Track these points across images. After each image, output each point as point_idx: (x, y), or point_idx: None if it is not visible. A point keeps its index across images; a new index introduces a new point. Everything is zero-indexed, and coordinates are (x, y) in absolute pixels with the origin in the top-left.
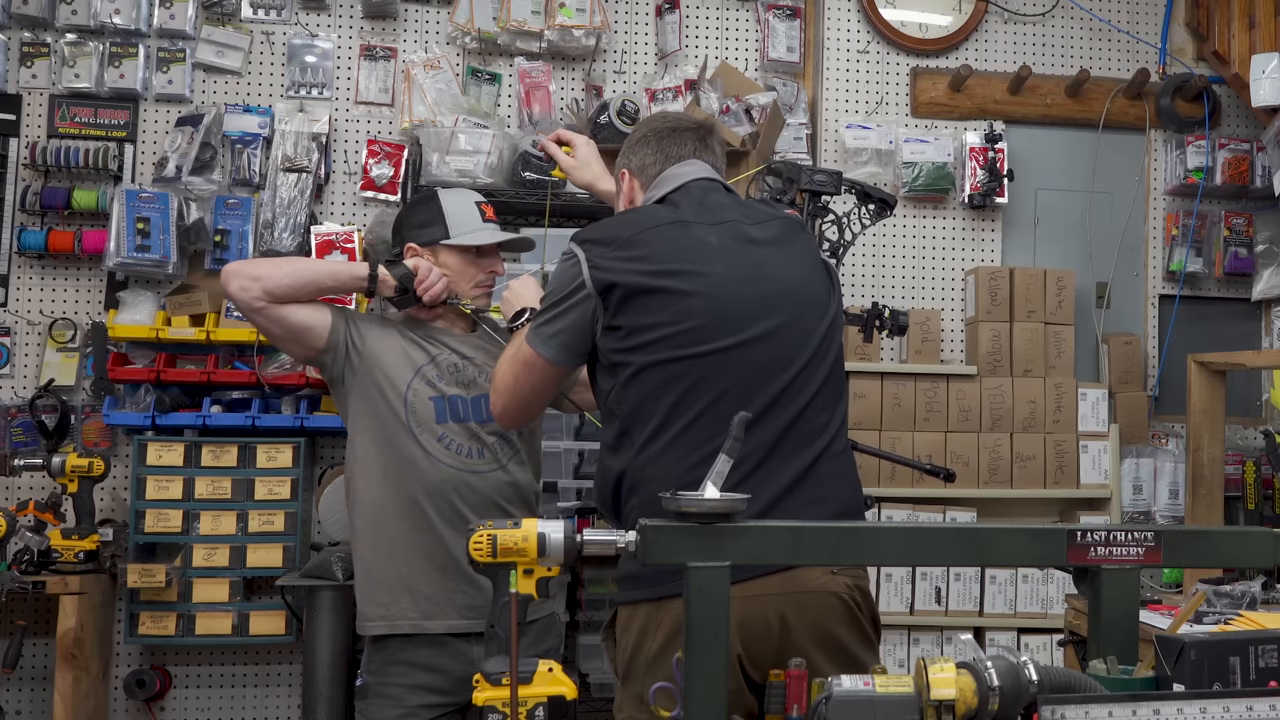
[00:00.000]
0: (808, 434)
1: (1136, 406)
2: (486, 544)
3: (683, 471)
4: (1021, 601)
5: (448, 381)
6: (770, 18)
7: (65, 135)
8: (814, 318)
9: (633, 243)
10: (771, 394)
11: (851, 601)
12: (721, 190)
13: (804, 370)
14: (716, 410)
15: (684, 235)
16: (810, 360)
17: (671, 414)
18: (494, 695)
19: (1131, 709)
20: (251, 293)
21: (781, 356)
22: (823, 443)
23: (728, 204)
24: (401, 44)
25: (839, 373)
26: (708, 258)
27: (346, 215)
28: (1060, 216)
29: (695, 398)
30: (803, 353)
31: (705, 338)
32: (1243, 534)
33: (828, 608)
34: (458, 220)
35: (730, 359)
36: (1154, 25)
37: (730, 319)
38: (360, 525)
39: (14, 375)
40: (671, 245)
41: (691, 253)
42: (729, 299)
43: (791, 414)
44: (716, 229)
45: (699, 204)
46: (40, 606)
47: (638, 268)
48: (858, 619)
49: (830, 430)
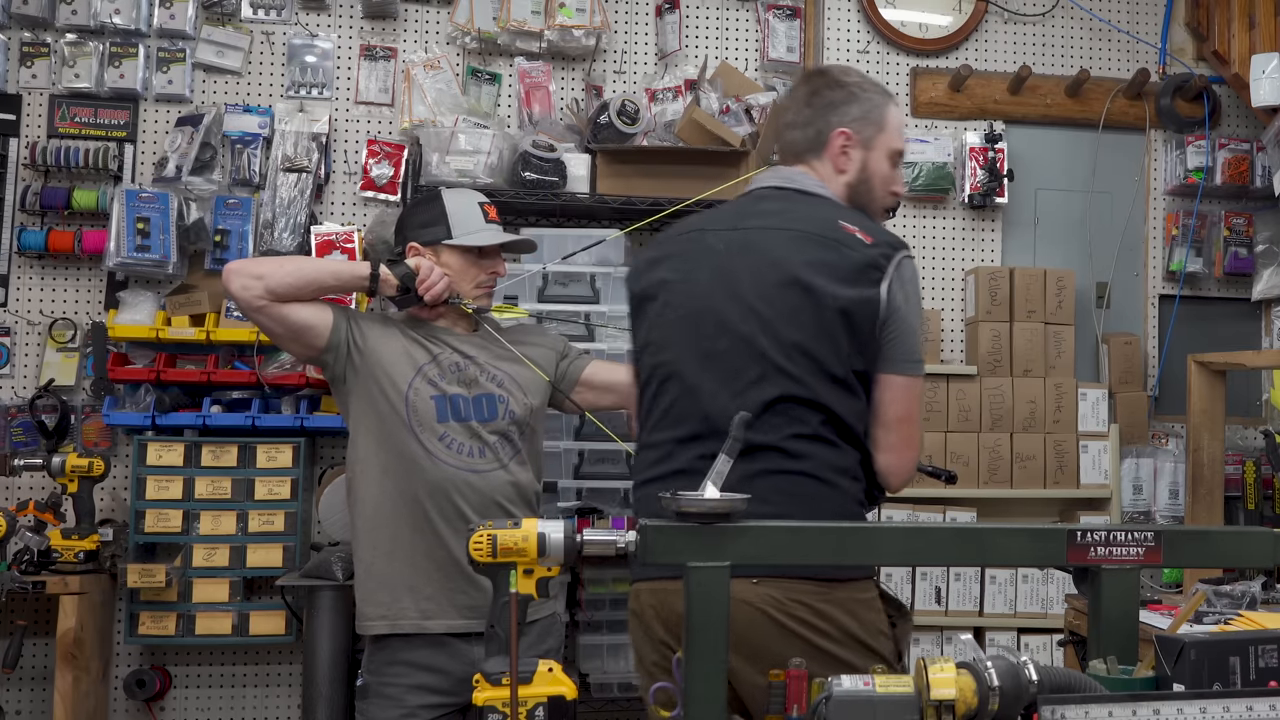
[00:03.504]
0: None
1: (1136, 406)
2: (486, 544)
3: (639, 483)
4: (1021, 601)
5: (449, 381)
6: (770, 18)
7: (65, 135)
8: (768, 335)
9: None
10: (707, 408)
11: (777, 611)
12: (778, 196)
13: (747, 387)
14: (663, 421)
15: (694, 243)
16: (756, 378)
17: (644, 422)
18: (494, 695)
19: (1131, 709)
20: (253, 291)
21: (723, 369)
22: (766, 462)
23: (764, 210)
24: (401, 44)
25: (804, 390)
26: (699, 265)
27: (346, 215)
28: (1060, 216)
29: (653, 408)
30: (742, 368)
31: (663, 346)
32: (1243, 534)
33: (744, 617)
34: (460, 220)
35: (678, 367)
36: (1154, 25)
37: (688, 330)
38: (361, 525)
39: (14, 375)
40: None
41: (687, 261)
42: (697, 309)
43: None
44: (726, 235)
45: (736, 210)
46: (40, 606)
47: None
48: (787, 628)
49: (781, 448)
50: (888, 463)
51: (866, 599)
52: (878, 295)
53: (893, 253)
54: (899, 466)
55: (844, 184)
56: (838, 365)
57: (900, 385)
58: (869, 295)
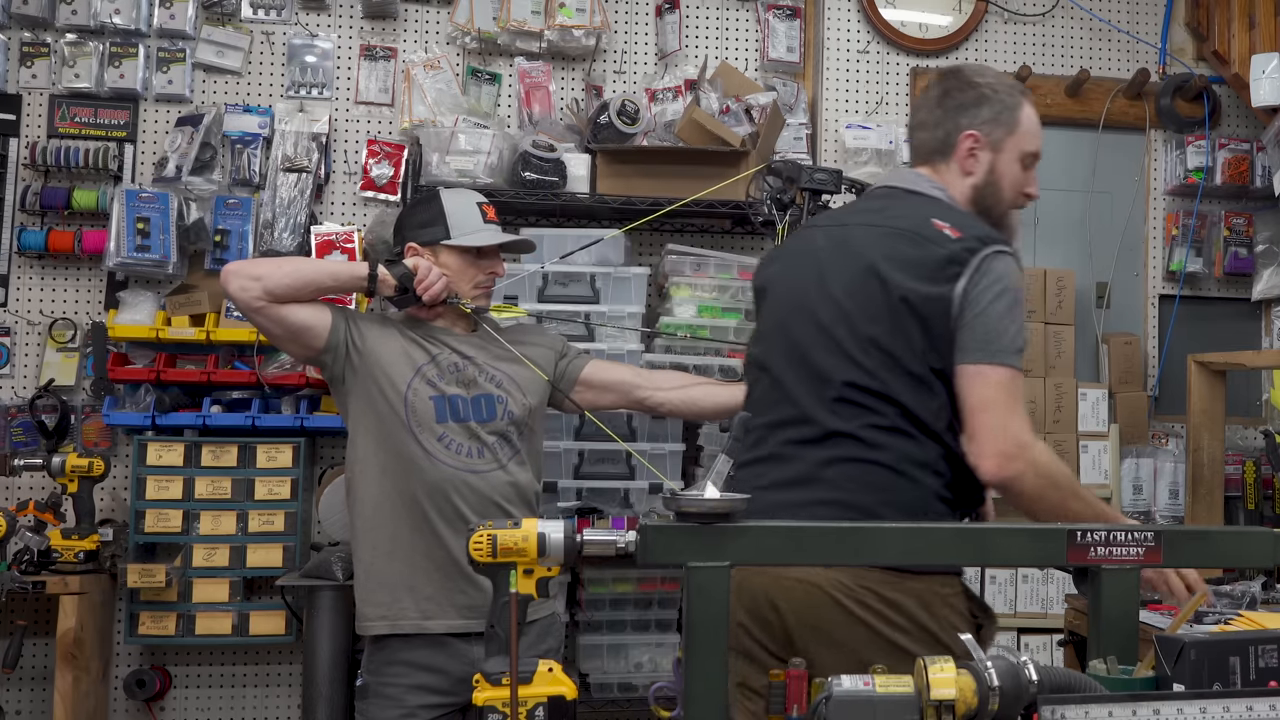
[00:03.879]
0: (813, 438)
1: (1136, 406)
2: (486, 544)
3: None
4: (1021, 601)
5: (448, 381)
6: (770, 18)
7: (65, 135)
8: (846, 327)
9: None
10: (792, 395)
11: (844, 596)
12: (886, 195)
13: (824, 375)
14: (755, 409)
15: (805, 239)
16: (832, 368)
17: (746, 409)
18: (494, 695)
19: (1131, 709)
20: (251, 292)
21: (798, 362)
22: (841, 449)
23: (868, 208)
24: (401, 44)
25: (876, 383)
26: (802, 261)
27: (346, 215)
28: (1060, 216)
29: (749, 396)
30: (820, 358)
31: (762, 337)
32: (1243, 534)
33: (812, 600)
34: (459, 221)
35: (770, 358)
36: (1154, 25)
37: (783, 322)
38: (360, 525)
39: (14, 375)
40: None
41: (795, 256)
42: (794, 302)
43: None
44: (830, 231)
45: (850, 208)
46: (40, 606)
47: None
48: (853, 614)
49: (857, 436)
50: (974, 451)
51: (945, 594)
52: (952, 291)
53: (980, 247)
54: (980, 454)
55: (970, 186)
56: (914, 361)
57: (973, 373)
58: (943, 291)
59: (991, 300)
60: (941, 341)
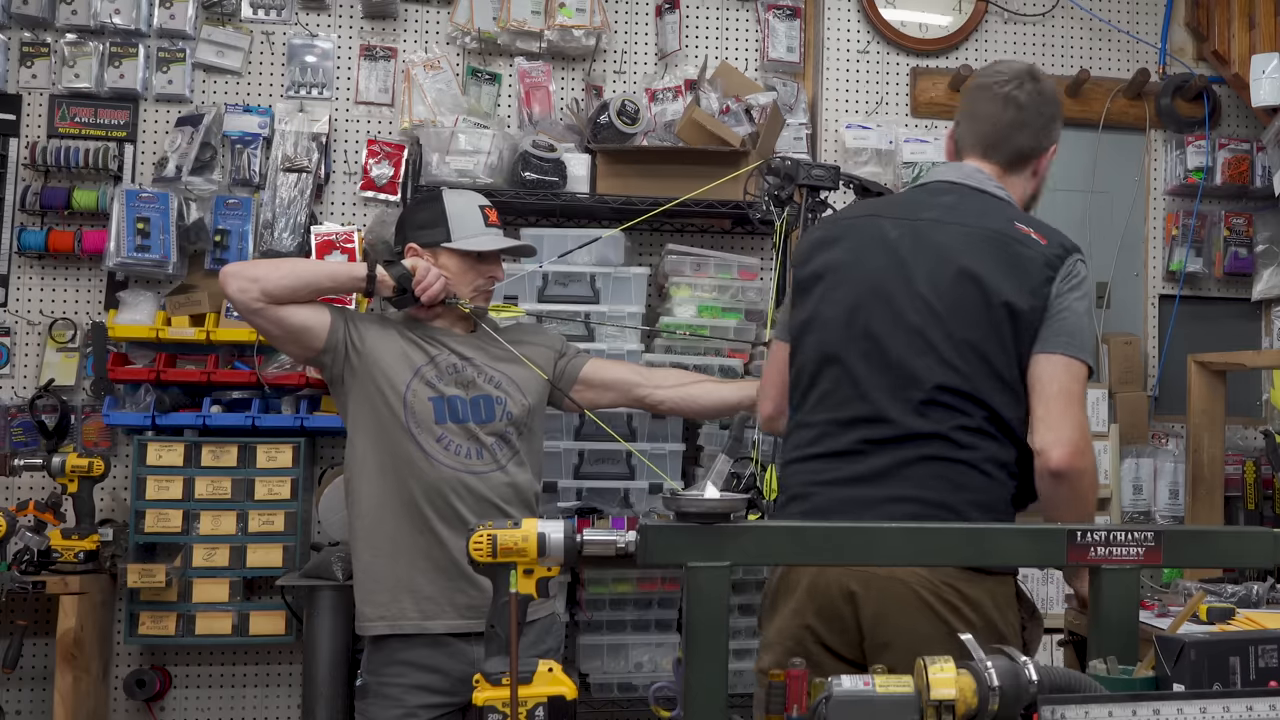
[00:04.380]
0: (891, 438)
1: (1136, 406)
2: (486, 544)
3: (791, 460)
4: None
5: (447, 382)
6: (770, 18)
7: (65, 135)
8: (940, 329)
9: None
10: (870, 394)
11: (928, 592)
12: (954, 190)
13: (912, 377)
14: (823, 403)
15: (869, 229)
16: (923, 369)
17: (799, 401)
18: (494, 695)
19: (1131, 709)
20: (250, 294)
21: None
22: (930, 449)
23: (941, 204)
24: (401, 44)
25: (968, 385)
26: (871, 252)
27: (346, 215)
28: (1060, 216)
29: (810, 389)
30: (908, 358)
31: (827, 327)
32: (1243, 534)
33: (895, 594)
34: (460, 224)
35: (842, 351)
36: (1154, 25)
37: (855, 314)
38: (359, 526)
39: (14, 375)
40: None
41: (860, 246)
42: (866, 295)
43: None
44: (902, 224)
45: (911, 200)
46: (40, 606)
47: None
48: (935, 610)
49: (947, 437)
50: (1046, 439)
51: (1009, 594)
52: (1048, 296)
53: (1066, 255)
54: (1058, 440)
55: (1029, 195)
56: (1005, 367)
57: (1059, 363)
58: (1040, 296)
59: (1076, 300)
60: (1029, 346)
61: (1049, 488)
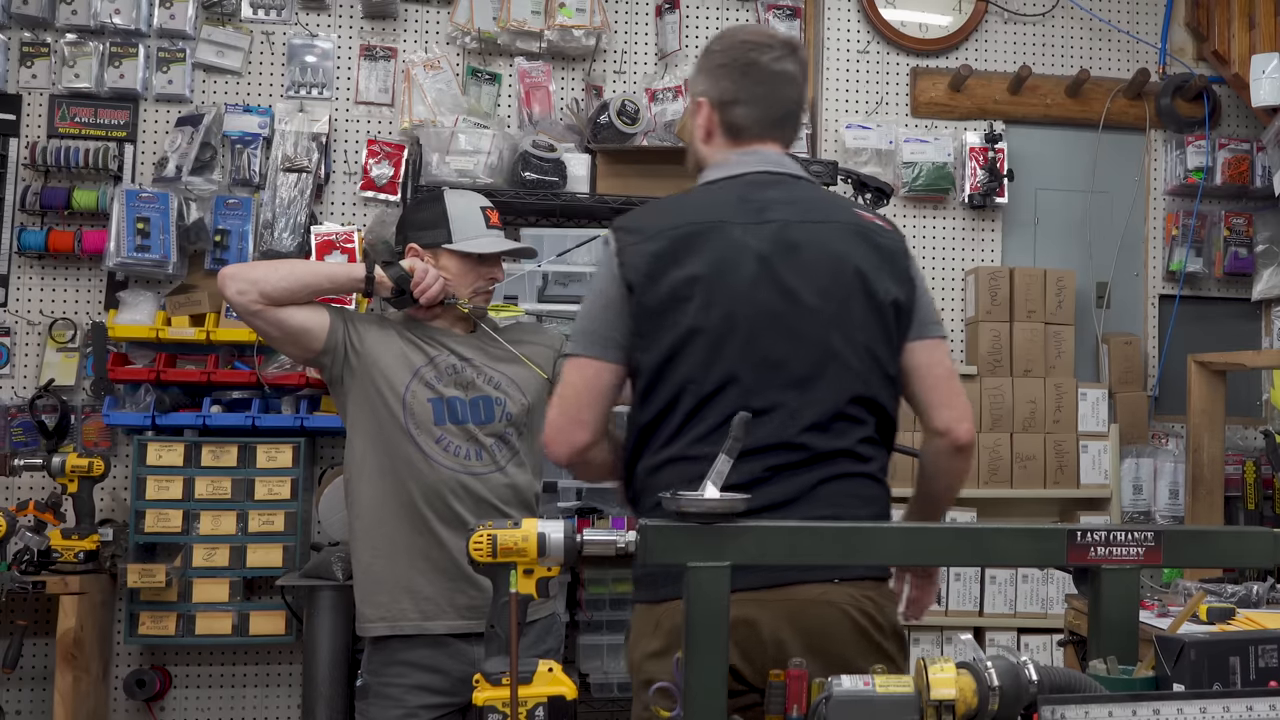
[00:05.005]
0: (800, 462)
1: (1136, 406)
2: (486, 544)
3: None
4: (1021, 601)
5: (446, 383)
6: (770, 17)
7: (65, 135)
8: (839, 337)
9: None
10: (776, 418)
11: (860, 614)
12: (777, 182)
13: (820, 392)
14: (716, 433)
15: (720, 238)
16: (829, 382)
17: (679, 434)
18: (494, 695)
19: (1131, 709)
20: (249, 296)
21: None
22: (839, 467)
23: (780, 199)
24: (401, 44)
25: (869, 390)
26: (736, 263)
27: (346, 215)
28: (1060, 216)
29: (696, 420)
30: (811, 374)
31: (709, 353)
32: (1243, 534)
33: (826, 620)
34: (462, 225)
35: (733, 376)
36: (1154, 25)
37: (740, 335)
38: (359, 526)
39: (14, 375)
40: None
41: (719, 259)
42: (747, 312)
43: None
44: (758, 230)
45: (742, 198)
46: (40, 606)
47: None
48: (869, 635)
49: (854, 453)
50: (954, 416)
51: (892, 595)
52: (913, 284)
53: (902, 235)
54: (960, 416)
55: None
56: (890, 364)
57: (937, 346)
58: (908, 286)
59: (922, 279)
60: (905, 337)
61: (957, 463)
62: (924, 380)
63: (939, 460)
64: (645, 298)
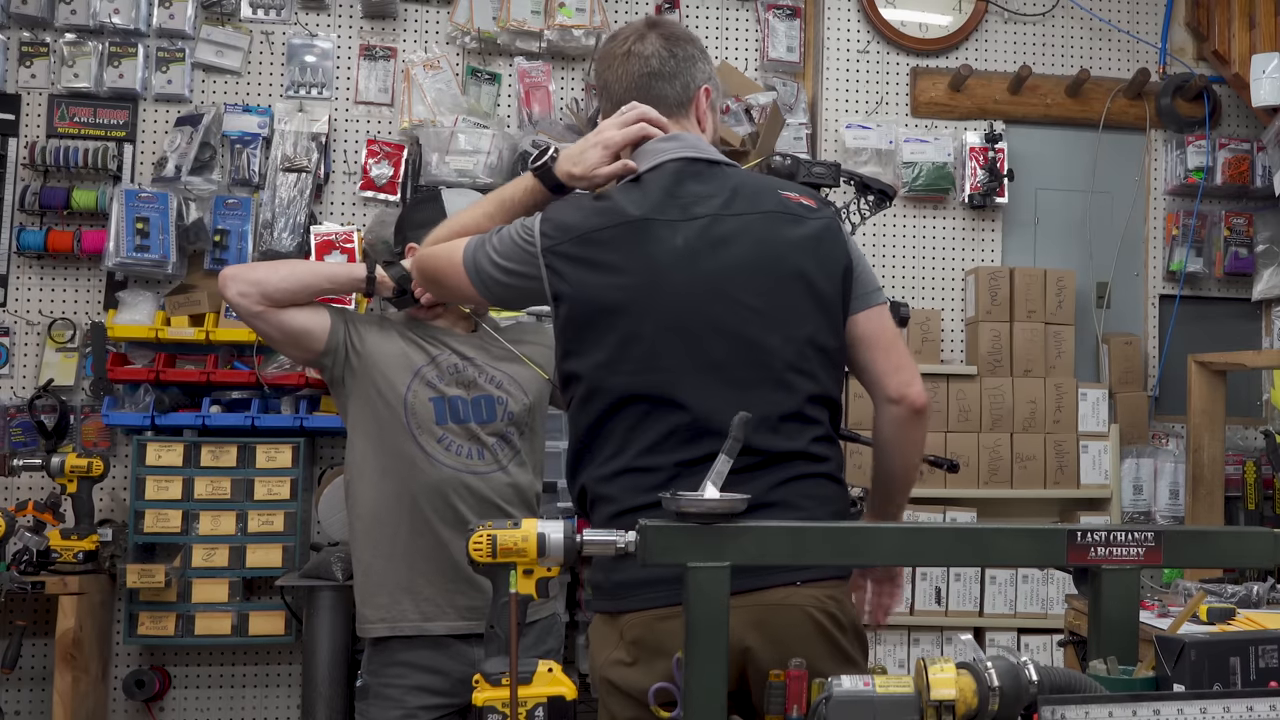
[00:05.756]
0: (755, 465)
1: (1136, 406)
2: (486, 544)
3: (632, 509)
4: (1021, 602)
5: (447, 382)
6: (770, 17)
7: (64, 135)
8: (779, 334)
9: (590, 242)
10: (720, 426)
11: (823, 615)
12: (700, 169)
13: (765, 394)
14: (663, 444)
15: (643, 237)
16: (774, 384)
17: (623, 445)
18: (494, 695)
19: (1131, 709)
20: (250, 298)
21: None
22: (795, 468)
23: (702, 191)
24: (401, 44)
25: (819, 387)
26: (665, 264)
27: (346, 215)
28: (1060, 216)
29: (639, 431)
30: (754, 376)
31: (645, 361)
32: (1243, 534)
33: (790, 622)
34: None
35: (673, 384)
36: (1154, 25)
37: (675, 340)
38: (359, 527)
39: (13, 375)
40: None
41: (646, 260)
42: (680, 315)
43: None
44: (684, 226)
45: (665, 191)
46: (40, 607)
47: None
48: (830, 635)
49: (807, 453)
50: (901, 381)
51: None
52: (849, 261)
53: (828, 208)
54: (912, 379)
55: (711, 143)
56: (837, 350)
57: (884, 311)
58: (843, 265)
59: (856, 248)
60: (846, 312)
61: (914, 432)
62: (872, 348)
63: (896, 430)
64: (574, 311)
